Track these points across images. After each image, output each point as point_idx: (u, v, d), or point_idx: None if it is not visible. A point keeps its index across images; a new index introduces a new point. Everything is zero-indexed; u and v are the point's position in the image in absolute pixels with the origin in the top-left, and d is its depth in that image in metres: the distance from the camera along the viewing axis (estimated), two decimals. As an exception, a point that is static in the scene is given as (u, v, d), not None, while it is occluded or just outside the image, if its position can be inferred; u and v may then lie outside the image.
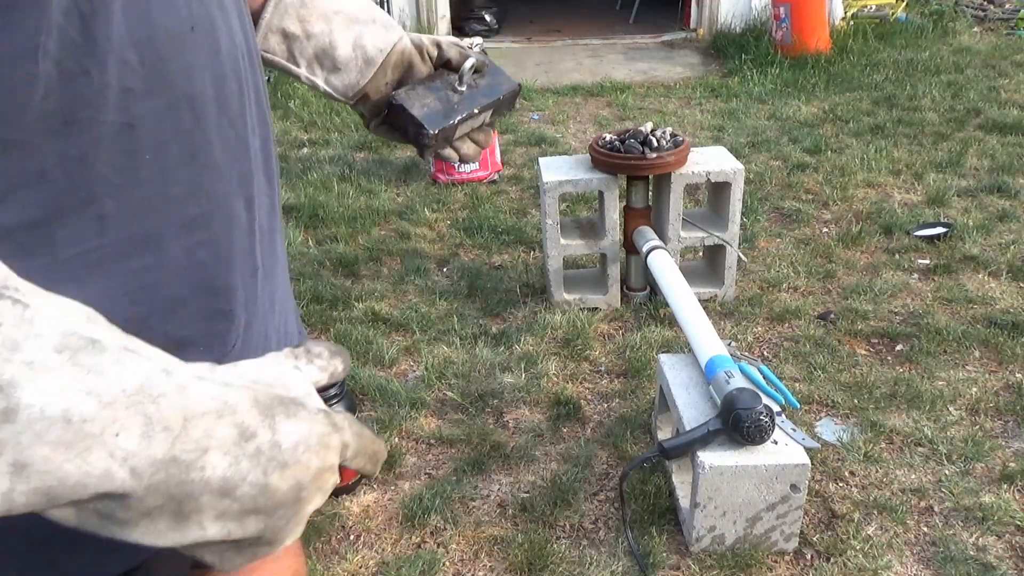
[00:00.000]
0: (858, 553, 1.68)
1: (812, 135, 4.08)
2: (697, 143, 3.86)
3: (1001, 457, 1.95)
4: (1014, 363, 2.29)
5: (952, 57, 5.29)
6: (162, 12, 0.55)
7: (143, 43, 0.54)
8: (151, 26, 0.55)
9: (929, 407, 2.11)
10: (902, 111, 4.38)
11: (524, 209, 3.42)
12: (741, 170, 2.51)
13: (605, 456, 2.00)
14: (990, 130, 4.05)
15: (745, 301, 2.64)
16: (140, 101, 0.55)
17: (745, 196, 2.79)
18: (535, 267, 2.92)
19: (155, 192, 0.58)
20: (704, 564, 1.67)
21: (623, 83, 5.17)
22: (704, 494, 1.62)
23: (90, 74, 0.52)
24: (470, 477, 1.94)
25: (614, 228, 2.56)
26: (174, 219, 0.60)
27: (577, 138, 4.28)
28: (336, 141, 4.31)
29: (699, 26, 6.28)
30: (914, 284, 2.73)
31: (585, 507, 1.85)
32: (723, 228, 2.57)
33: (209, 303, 0.65)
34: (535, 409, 2.18)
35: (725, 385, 1.65)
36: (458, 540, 1.77)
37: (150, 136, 0.57)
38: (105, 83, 0.53)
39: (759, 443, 1.59)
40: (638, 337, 2.45)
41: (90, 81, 0.52)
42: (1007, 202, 3.28)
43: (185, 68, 0.58)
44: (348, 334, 2.49)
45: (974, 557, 1.68)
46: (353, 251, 3.07)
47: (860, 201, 3.35)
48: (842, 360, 2.32)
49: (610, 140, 2.53)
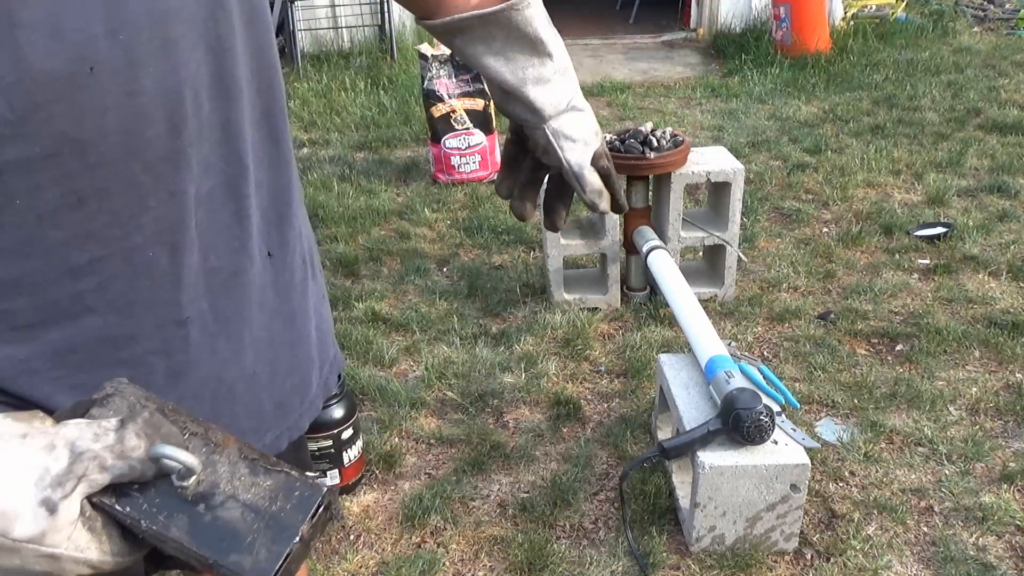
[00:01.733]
0: (858, 553, 1.68)
1: (812, 135, 4.08)
2: (697, 143, 3.86)
3: (1001, 457, 1.95)
4: (1014, 363, 2.29)
5: (952, 57, 5.29)
6: (42, 55, 0.52)
7: (12, 87, 0.51)
8: (25, 69, 0.51)
9: (929, 407, 2.11)
10: (902, 111, 4.38)
11: (524, 209, 3.41)
12: (741, 170, 2.51)
13: (605, 456, 2.00)
14: (990, 130, 4.05)
15: (745, 301, 2.64)
16: (8, 147, 0.53)
17: (745, 196, 2.79)
18: (535, 267, 2.92)
19: (30, 237, 0.56)
20: (704, 564, 1.67)
21: (623, 83, 5.17)
22: (704, 494, 1.62)
23: None
24: (470, 477, 1.94)
25: (614, 228, 2.56)
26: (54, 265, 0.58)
27: (577, 138, 4.27)
28: (336, 141, 4.31)
29: (699, 26, 6.28)
30: (914, 284, 2.73)
31: (585, 507, 1.85)
32: (723, 228, 2.57)
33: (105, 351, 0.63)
34: (535, 409, 2.18)
35: (725, 385, 1.65)
36: (458, 540, 1.77)
37: (20, 182, 0.54)
38: None
39: (759, 443, 1.59)
40: (638, 337, 2.45)
41: None
42: (1007, 202, 3.28)
43: (73, 112, 0.54)
44: (348, 334, 2.49)
45: (974, 557, 1.68)
46: (353, 251, 3.07)
47: (860, 201, 3.35)
48: (842, 360, 2.32)
49: (610, 140, 2.53)
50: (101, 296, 0.61)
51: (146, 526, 0.54)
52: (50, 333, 0.60)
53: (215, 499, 0.57)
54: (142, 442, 0.53)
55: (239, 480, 0.58)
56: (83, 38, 0.53)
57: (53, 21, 0.52)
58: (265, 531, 0.56)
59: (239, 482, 0.58)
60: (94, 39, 0.54)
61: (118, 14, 0.54)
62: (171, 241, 0.64)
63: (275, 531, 0.56)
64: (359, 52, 5.66)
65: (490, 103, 3.59)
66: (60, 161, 0.55)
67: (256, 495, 0.58)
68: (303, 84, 5.06)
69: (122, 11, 0.54)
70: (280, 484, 0.58)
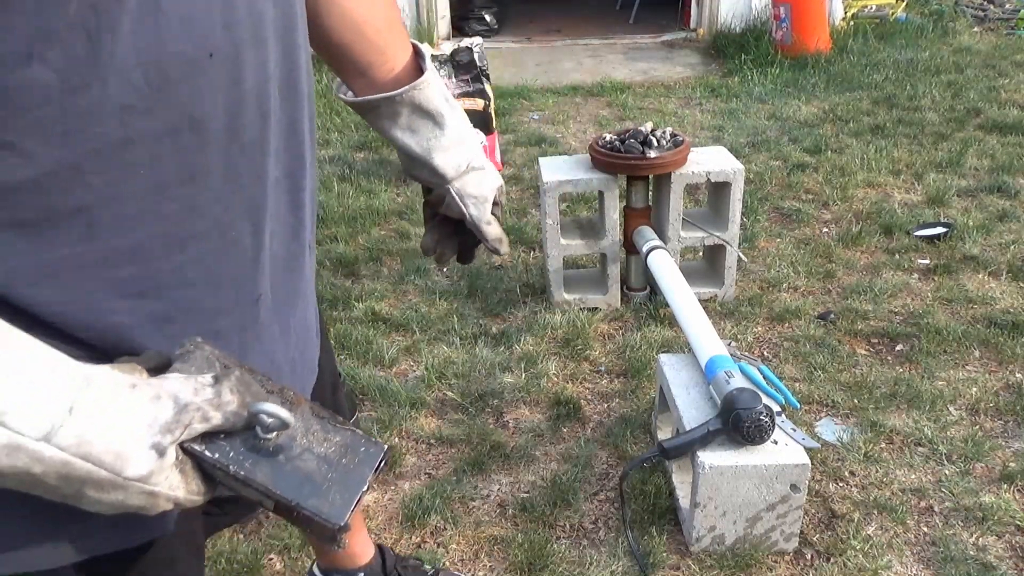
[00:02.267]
0: (858, 553, 1.69)
1: (812, 135, 4.08)
2: (697, 143, 3.86)
3: (1001, 457, 1.95)
4: (1014, 363, 2.29)
5: (952, 57, 5.29)
6: (176, 38, 0.58)
7: (150, 64, 0.56)
8: (162, 50, 0.57)
9: (929, 407, 2.11)
10: (902, 111, 4.38)
11: (524, 209, 3.42)
12: (741, 170, 2.51)
13: (605, 456, 2.00)
14: (990, 130, 4.05)
15: (745, 301, 2.64)
16: (140, 119, 0.57)
17: (745, 196, 2.79)
18: (535, 267, 2.92)
19: (147, 208, 0.60)
20: (704, 564, 1.67)
21: (623, 83, 5.17)
22: (704, 494, 1.62)
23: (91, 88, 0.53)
24: (470, 477, 1.94)
25: (614, 228, 2.56)
26: (165, 235, 0.62)
27: (577, 138, 4.28)
28: (336, 141, 4.31)
29: (699, 26, 6.28)
30: (914, 284, 2.73)
31: (585, 507, 1.85)
32: (723, 228, 2.57)
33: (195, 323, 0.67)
34: (535, 409, 2.18)
35: (725, 385, 1.65)
36: (458, 540, 1.77)
37: (146, 153, 0.59)
38: (106, 98, 0.55)
39: (759, 443, 1.60)
40: (638, 337, 2.45)
41: (91, 95, 0.54)
42: (1007, 202, 3.28)
43: (195, 92, 0.60)
44: (348, 334, 2.49)
45: (974, 557, 1.68)
46: (353, 251, 3.07)
47: (860, 201, 3.35)
48: (842, 360, 2.32)
49: (610, 140, 2.53)
50: (198, 269, 0.66)
51: (234, 471, 0.61)
52: (152, 303, 0.64)
53: (293, 451, 0.65)
54: (235, 397, 0.60)
55: (312, 435, 0.67)
56: (207, 28, 0.60)
57: (186, 10, 0.58)
58: (338, 481, 0.66)
59: (313, 437, 0.67)
60: (214, 29, 0.60)
61: (230, 10, 0.62)
62: (254, 221, 0.70)
63: (346, 481, 0.66)
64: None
65: (491, 103, 3.59)
66: (180, 137, 0.60)
67: (328, 449, 0.67)
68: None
69: (233, 8, 0.62)
70: (348, 440, 0.68)
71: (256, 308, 0.73)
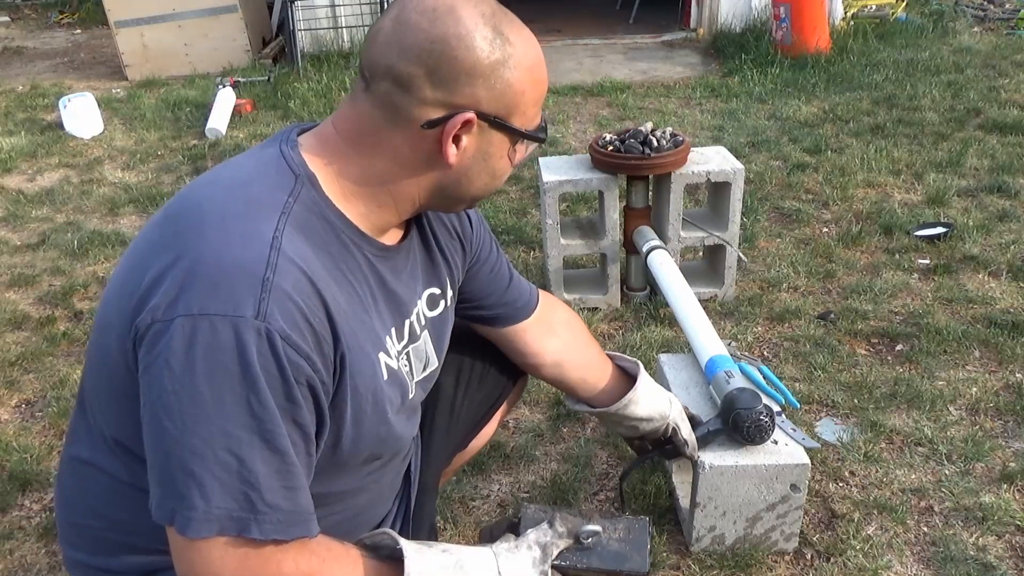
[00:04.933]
0: (858, 553, 1.69)
1: (812, 135, 4.08)
2: (697, 143, 3.86)
3: (1001, 457, 1.95)
4: (1014, 363, 2.29)
5: (952, 57, 5.29)
6: (398, 432, 1.10)
7: (385, 442, 1.10)
8: (393, 438, 1.10)
9: (929, 407, 2.11)
10: (902, 111, 4.38)
11: (524, 209, 3.42)
12: (741, 170, 2.51)
13: (605, 456, 2.00)
14: (990, 130, 4.05)
15: (745, 301, 2.64)
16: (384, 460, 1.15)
17: (745, 196, 2.79)
18: (535, 267, 2.92)
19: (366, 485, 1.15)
20: (704, 564, 1.67)
21: (623, 83, 5.17)
22: (704, 494, 1.62)
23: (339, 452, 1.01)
24: (470, 477, 1.94)
25: (614, 228, 2.56)
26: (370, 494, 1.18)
27: (577, 138, 4.28)
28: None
29: (699, 26, 6.27)
30: (914, 284, 2.73)
31: (585, 507, 1.85)
32: (723, 228, 2.57)
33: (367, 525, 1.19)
34: (535, 409, 2.18)
35: (725, 385, 1.65)
36: (458, 540, 1.77)
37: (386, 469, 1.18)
38: (345, 457, 1.03)
39: (759, 443, 1.60)
40: (638, 337, 2.45)
41: (340, 454, 1.01)
42: (1007, 202, 3.28)
43: (400, 448, 1.18)
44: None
45: (974, 557, 1.68)
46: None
47: (860, 201, 3.35)
48: (842, 360, 2.32)
49: (610, 140, 2.53)
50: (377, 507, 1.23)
51: (581, 566, 1.12)
52: (360, 521, 1.17)
53: (602, 542, 1.15)
54: (564, 528, 1.12)
55: (607, 529, 1.16)
56: None
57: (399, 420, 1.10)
58: (633, 548, 1.16)
59: (608, 529, 1.16)
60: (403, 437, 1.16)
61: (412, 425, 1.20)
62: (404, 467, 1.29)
63: (636, 546, 1.16)
64: (359, 52, 5.66)
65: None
66: (391, 459, 1.17)
67: (619, 534, 1.17)
68: (303, 84, 5.05)
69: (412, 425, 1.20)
70: (626, 523, 1.18)
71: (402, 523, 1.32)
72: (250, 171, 0.96)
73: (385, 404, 1.03)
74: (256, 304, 0.84)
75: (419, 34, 0.91)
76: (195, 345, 0.83)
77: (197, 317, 0.83)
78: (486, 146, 0.98)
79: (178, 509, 0.85)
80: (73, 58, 6.43)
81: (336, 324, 0.92)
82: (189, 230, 0.90)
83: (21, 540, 1.81)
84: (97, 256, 3.13)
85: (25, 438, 2.13)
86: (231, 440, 0.85)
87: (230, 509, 0.85)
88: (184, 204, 0.95)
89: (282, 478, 0.88)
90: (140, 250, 0.95)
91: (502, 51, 0.93)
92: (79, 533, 1.07)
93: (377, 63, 0.93)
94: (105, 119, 4.64)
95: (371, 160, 0.97)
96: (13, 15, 8.04)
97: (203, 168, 3.99)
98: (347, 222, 0.97)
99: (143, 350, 0.86)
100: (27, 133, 4.55)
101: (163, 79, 5.50)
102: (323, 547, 0.94)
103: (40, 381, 2.38)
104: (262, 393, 0.85)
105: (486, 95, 0.93)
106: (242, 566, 0.87)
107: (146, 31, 5.52)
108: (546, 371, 1.44)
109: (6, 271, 3.06)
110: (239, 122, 4.58)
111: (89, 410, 1.03)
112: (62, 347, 2.55)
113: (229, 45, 5.63)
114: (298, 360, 0.87)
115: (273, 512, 0.87)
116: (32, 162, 4.17)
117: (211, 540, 0.85)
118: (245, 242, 0.87)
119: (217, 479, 0.84)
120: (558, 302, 1.50)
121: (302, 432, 0.90)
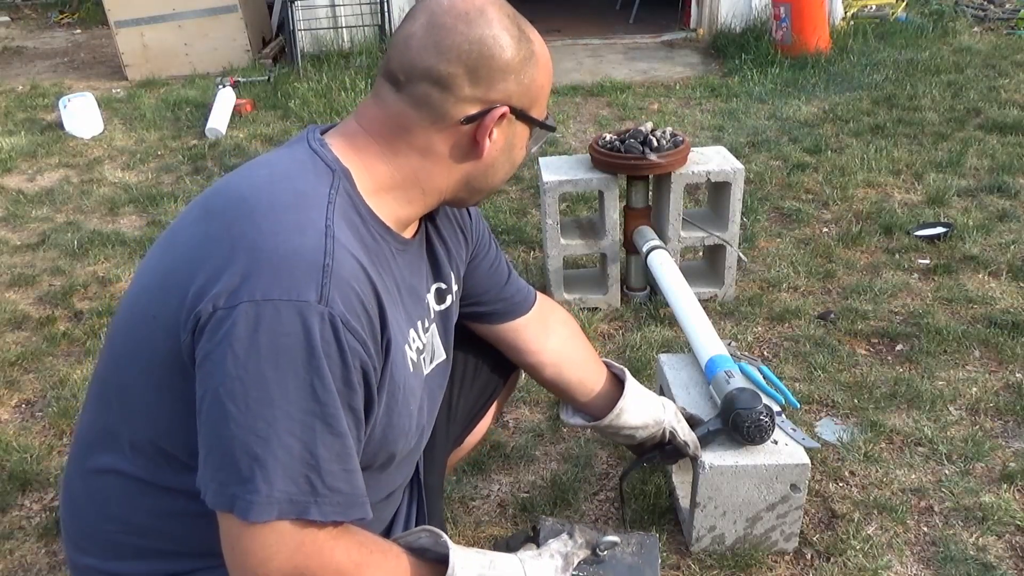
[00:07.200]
0: (858, 553, 1.69)
1: (812, 135, 4.07)
2: (697, 143, 3.86)
3: (1001, 457, 1.95)
4: (1014, 363, 2.29)
5: (952, 57, 5.29)
6: (415, 432, 1.13)
7: (410, 442, 1.13)
8: (417, 436, 1.15)
9: (929, 407, 2.11)
10: (902, 111, 4.38)
11: (524, 209, 3.42)
12: (741, 170, 2.51)
13: (605, 456, 2.00)
14: (990, 130, 4.05)
15: (745, 301, 2.64)
16: (405, 456, 1.16)
17: (745, 196, 2.79)
18: (535, 267, 2.92)
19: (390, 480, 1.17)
20: (704, 564, 1.67)
21: (623, 83, 5.16)
22: (704, 494, 1.62)
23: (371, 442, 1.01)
24: (470, 477, 1.94)
25: (614, 228, 2.56)
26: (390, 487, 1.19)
27: (577, 138, 4.28)
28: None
29: (699, 26, 6.27)
30: (914, 284, 2.73)
31: (585, 507, 1.85)
32: (723, 228, 2.57)
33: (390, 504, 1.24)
34: (535, 409, 2.18)
35: (725, 385, 1.65)
36: (458, 540, 1.76)
37: (402, 465, 1.18)
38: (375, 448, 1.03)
39: (759, 443, 1.60)
40: (638, 337, 2.45)
41: (371, 444, 1.01)
42: (1007, 202, 3.28)
43: (417, 444, 1.19)
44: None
45: (974, 557, 1.68)
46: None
47: (860, 201, 3.35)
48: (842, 360, 2.32)
49: (610, 140, 2.53)
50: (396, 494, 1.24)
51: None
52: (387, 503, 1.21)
53: (617, 554, 1.22)
54: (582, 539, 1.20)
55: (619, 544, 1.22)
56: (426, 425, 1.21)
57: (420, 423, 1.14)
58: (644, 562, 1.23)
59: (620, 545, 1.22)
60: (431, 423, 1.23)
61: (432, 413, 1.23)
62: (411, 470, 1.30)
63: (648, 559, 1.24)
64: (359, 52, 5.65)
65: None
66: (408, 456, 1.17)
67: (632, 548, 1.25)
68: (303, 84, 5.05)
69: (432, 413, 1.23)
70: (637, 539, 1.27)
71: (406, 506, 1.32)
72: (288, 166, 0.98)
73: (410, 396, 1.05)
74: (319, 289, 0.86)
75: (456, 36, 0.96)
76: (260, 330, 0.84)
77: (261, 303, 0.85)
78: (512, 137, 1.05)
79: (239, 494, 0.85)
80: (73, 58, 6.43)
81: (385, 311, 0.95)
82: (241, 221, 0.91)
83: (21, 540, 1.81)
84: (97, 256, 3.13)
85: (25, 438, 2.13)
86: (294, 424, 0.86)
87: (291, 492, 0.86)
88: (227, 199, 0.96)
89: (342, 461, 0.90)
90: (185, 245, 0.95)
91: (527, 48, 1.01)
92: (89, 538, 1.06)
93: (415, 65, 0.97)
94: (105, 119, 4.64)
95: (405, 157, 1.01)
96: (13, 15, 8.04)
97: (203, 168, 3.99)
98: (374, 216, 1.00)
99: (204, 338, 0.87)
100: (27, 133, 4.55)
101: (163, 79, 5.50)
102: (371, 540, 0.99)
103: (40, 381, 2.38)
104: (325, 378, 0.87)
105: (516, 90, 1.00)
106: (297, 552, 0.88)
107: (146, 31, 5.52)
108: (546, 371, 1.44)
109: (6, 271, 3.06)
110: (239, 122, 4.58)
111: (108, 411, 1.02)
112: (62, 347, 2.55)
113: (229, 45, 5.63)
114: (356, 345, 0.89)
115: (333, 495, 0.89)
116: (32, 162, 4.17)
117: (269, 525, 0.86)
118: (301, 231, 0.89)
119: (280, 463, 0.86)
120: (554, 303, 1.51)
121: (355, 417, 0.92)
